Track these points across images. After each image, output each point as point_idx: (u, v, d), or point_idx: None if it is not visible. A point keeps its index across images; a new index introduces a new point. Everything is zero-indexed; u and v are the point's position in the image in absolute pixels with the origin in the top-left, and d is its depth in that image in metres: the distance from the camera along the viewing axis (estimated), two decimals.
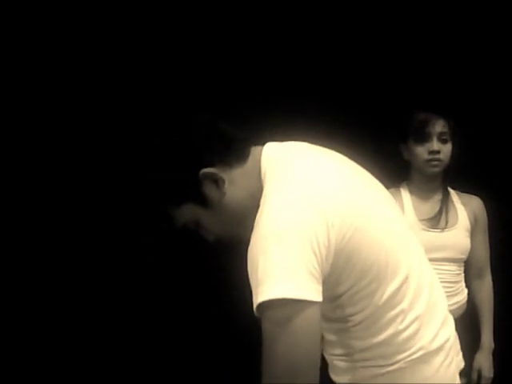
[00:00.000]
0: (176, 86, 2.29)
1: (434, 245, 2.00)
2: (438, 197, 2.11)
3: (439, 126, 2.03)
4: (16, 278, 2.36)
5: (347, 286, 1.04)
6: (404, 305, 1.07)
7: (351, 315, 1.07)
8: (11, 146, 2.33)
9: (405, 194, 2.12)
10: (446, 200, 2.10)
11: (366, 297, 1.05)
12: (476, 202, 2.15)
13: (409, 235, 1.19)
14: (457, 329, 1.96)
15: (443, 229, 2.05)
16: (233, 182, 1.13)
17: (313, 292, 0.95)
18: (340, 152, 1.18)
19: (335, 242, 1.00)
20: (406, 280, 1.08)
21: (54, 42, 2.31)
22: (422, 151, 2.04)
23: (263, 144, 1.17)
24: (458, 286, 2.08)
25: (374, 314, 1.06)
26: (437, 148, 2.01)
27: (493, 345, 2.15)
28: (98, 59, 2.33)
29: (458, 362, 1.19)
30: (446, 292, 1.95)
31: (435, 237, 2.03)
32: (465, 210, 2.11)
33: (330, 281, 1.02)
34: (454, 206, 2.11)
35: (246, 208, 1.12)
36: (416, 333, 1.08)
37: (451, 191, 2.15)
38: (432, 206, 2.10)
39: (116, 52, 2.34)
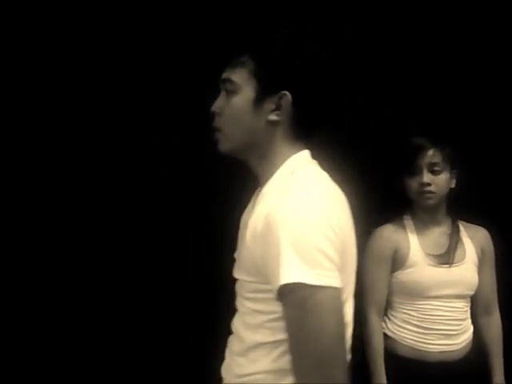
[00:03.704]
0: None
1: (443, 281, 1.94)
2: (444, 229, 2.03)
3: (429, 157, 1.95)
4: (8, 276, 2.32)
5: None
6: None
7: None
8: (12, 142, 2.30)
9: (409, 226, 2.04)
10: (455, 235, 2.02)
11: None
12: (482, 234, 2.06)
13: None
14: (464, 368, 1.93)
15: (451, 264, 1.97)
16: (281, 132, 1.18)
17: (335, 279, 1.03)
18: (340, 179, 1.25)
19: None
20: None
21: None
22: (412, 183, 1.99)
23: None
24: (465, 323, 2.00)
25: None
26: (427, 180, 1.94)
27: None
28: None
29: None
30: (455, 330, 1.95)
31: (443, 273, 1.95)
32: (472, 244, 2.02)
33: None
34: (460, 239, 2.03)
35: (260, 151, 1.19)
36: None
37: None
38: (437, 239, 2.02)
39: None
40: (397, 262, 1.98)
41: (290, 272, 1.00)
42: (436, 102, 2.26)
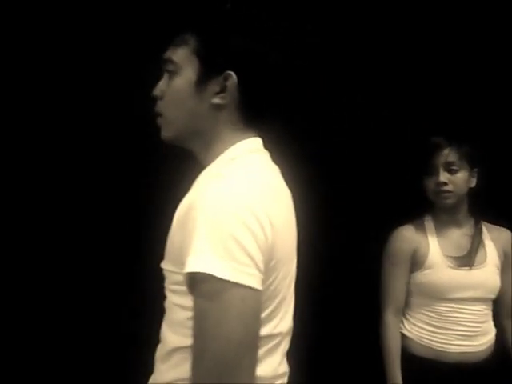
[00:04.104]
0: None
1: (462, 284, 1.90)
2: (465, 230, 1.99)
3: (444, 156, 1.91)
4: None
5: None
6: None
7: None
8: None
9: (429, 227, 2.00)
10: (477, 237, 1.97)
11: None
12: (506, 236, 2.01)
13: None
14: (485, 370, 1.90)
15: (471, 267, 1.91)
16: (226, 117, 1.08)
17: (251, 277, 0.91)
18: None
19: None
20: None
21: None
22: (429, 183, 1.96)
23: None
24: (485, 325, 1.95)
25: None
26: (443, 180, 1.90)
27: None
28: None
29: None
30: (475, 332, 1.91)
31: (463, 275, 1.91)
32: (494, 246, 1.97)
33: None
34: (482, 241, 1.97)
35: (204, 138, 1.09)
36: None
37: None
38: (458, 240, 1.97)
39: None
40: (415, 262, 1.95)
41: (198, 260, 0.89)
42: (453, 100, 2.20)
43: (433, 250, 1.93)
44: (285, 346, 1.09)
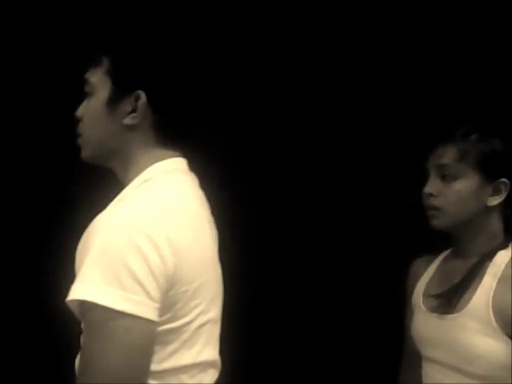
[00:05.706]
0: None
1: (430, 337, 1.35)
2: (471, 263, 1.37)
3: (436, 157, 1.33)
4: None
5: None
6: None
7: None
8: None
9: (438, 259, 1.46)
10: (472, 272, 1.31)
11: None
12: None
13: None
14: None
15: (442, 314, 1.32)
16: (141, 137, 1.05)
17: (140, 306, 0.87)
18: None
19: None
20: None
21: None
22: (423, 195, 1.36)
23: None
24: None
25: None
26: (428, 190, 1.32)
27: None
28: None
29: None
30: None
31: (433, 324, 1.34)
32: (496, 290, 1.27)
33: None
34: (480, 279, 1.30)
35: (122, 159, 1.07)
36: None
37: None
38: (451, 275, 1.38)
39: None
40: None
41: (84, 287, 0.88)
42: (459, 98, 1.88)
43: (418, 287, 1.43)
44: (211, 377, 1.05)
